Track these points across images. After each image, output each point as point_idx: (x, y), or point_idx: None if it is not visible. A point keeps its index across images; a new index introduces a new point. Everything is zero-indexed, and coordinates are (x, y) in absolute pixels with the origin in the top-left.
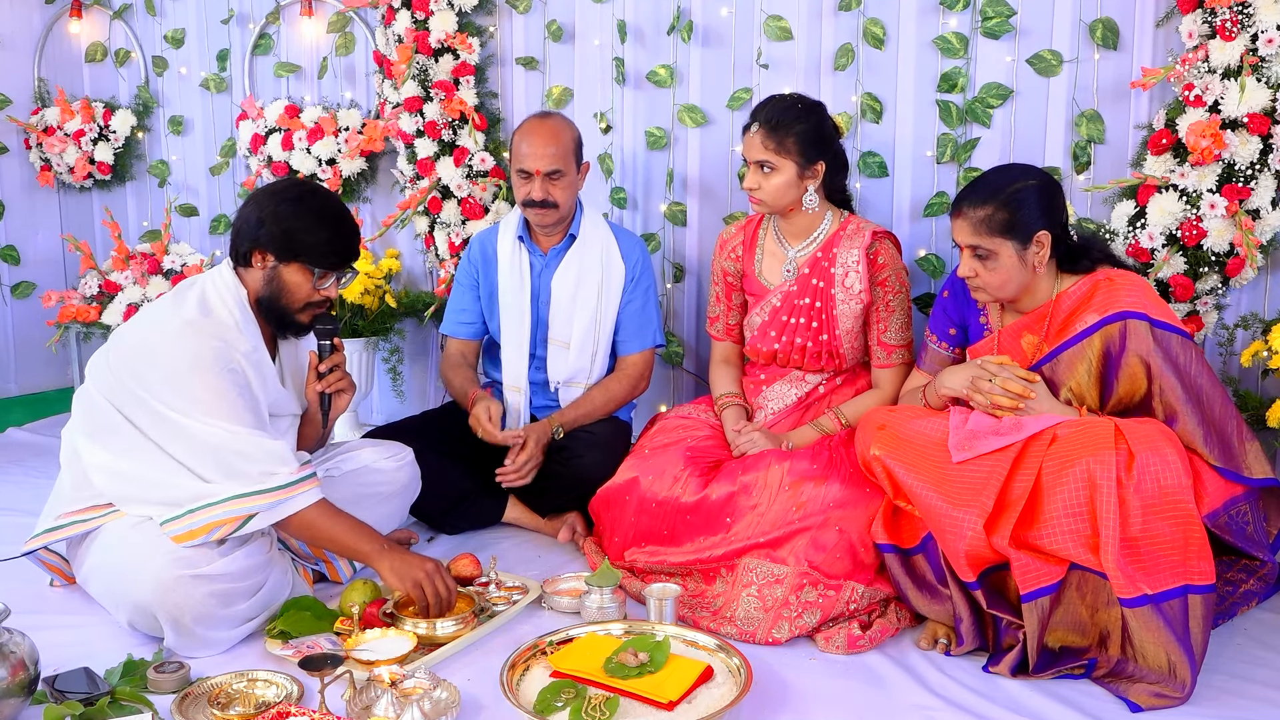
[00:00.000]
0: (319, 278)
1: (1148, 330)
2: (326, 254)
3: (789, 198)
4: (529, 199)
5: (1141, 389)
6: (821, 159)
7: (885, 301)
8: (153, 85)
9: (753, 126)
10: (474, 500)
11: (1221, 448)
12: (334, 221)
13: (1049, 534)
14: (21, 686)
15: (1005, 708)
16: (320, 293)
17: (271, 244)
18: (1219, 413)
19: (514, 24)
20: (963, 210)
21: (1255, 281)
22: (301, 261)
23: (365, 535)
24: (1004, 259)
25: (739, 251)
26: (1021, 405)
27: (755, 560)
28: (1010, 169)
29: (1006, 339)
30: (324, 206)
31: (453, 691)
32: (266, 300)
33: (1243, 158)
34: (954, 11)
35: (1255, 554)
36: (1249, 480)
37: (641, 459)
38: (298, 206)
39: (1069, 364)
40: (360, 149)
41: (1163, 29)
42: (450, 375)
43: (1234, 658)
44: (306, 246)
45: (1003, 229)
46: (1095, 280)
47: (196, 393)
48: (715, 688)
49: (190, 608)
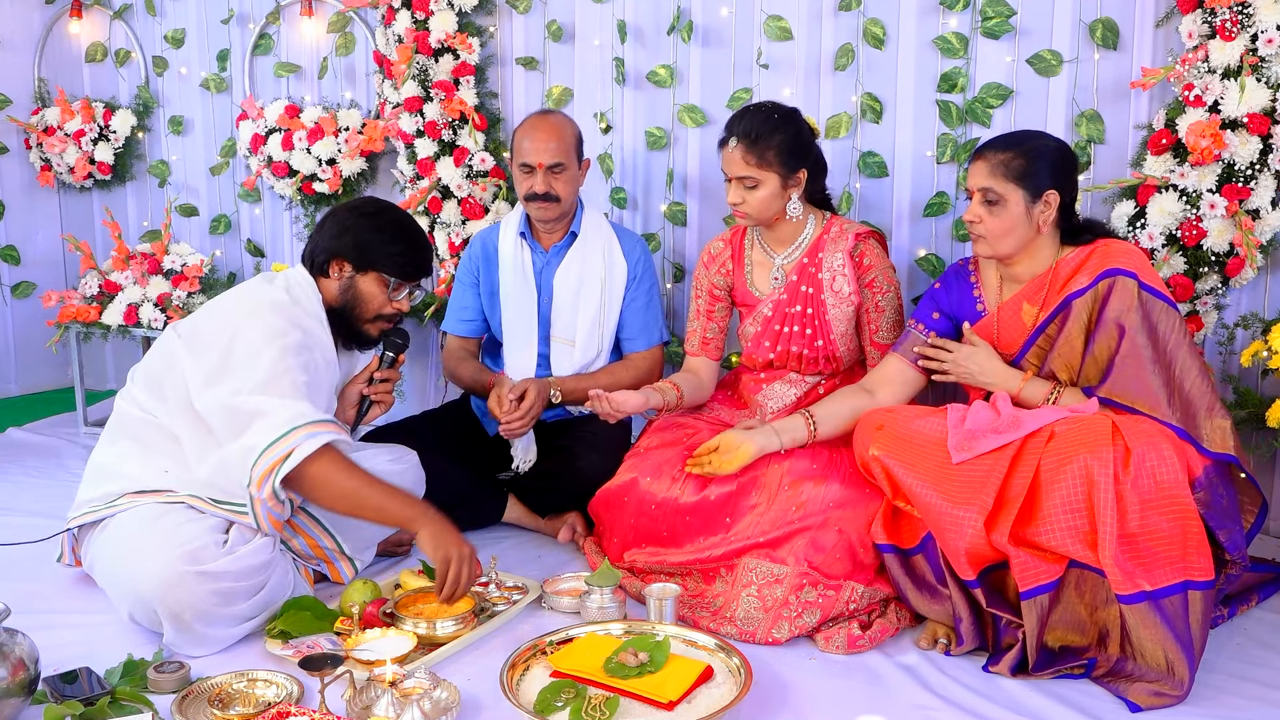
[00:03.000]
0: (394, 289)
1: (1134, 288)
2: (403, 265)
3: (774, 209)
4: (531, 192)
5: (1112, 349)
6: (803, 166)
7: (875, 302)
8: (153, 85)
9: (730, 142)
10: (474, 500)
11: (1184, 414)
12: (410, 236)
13: (1048, 530)
14: (22, 686)
15: (1005, 707)
16: (393, 304)
17: (350, 253)
18: (1190, 386)
19: (514, 24)
20: (984, 154)
21: (1255, 281)
22: (378, 271)
23: (407, 499)
24: (1011, 207)
25: (729, 265)
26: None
27: (755, 560)
28: (1037, 131)
29: (1006, 312)
30: (401, 221)
31: (453, 691)
32: (341, 309)
33: (1242, 158)
34: (954, 11)
35: (1221, 537)
36: (1208, 452)
37: (640, 459)
38: (376, 219)
39: (1067, 329)
40: (360, 149)
41: (1163, 29)
42: (457, 368)
43: (1233, 657)
44: (384, 257)
45: (1017, 176)
46: (1093, 247)
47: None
48: (715, 688)
49: (192, 604)
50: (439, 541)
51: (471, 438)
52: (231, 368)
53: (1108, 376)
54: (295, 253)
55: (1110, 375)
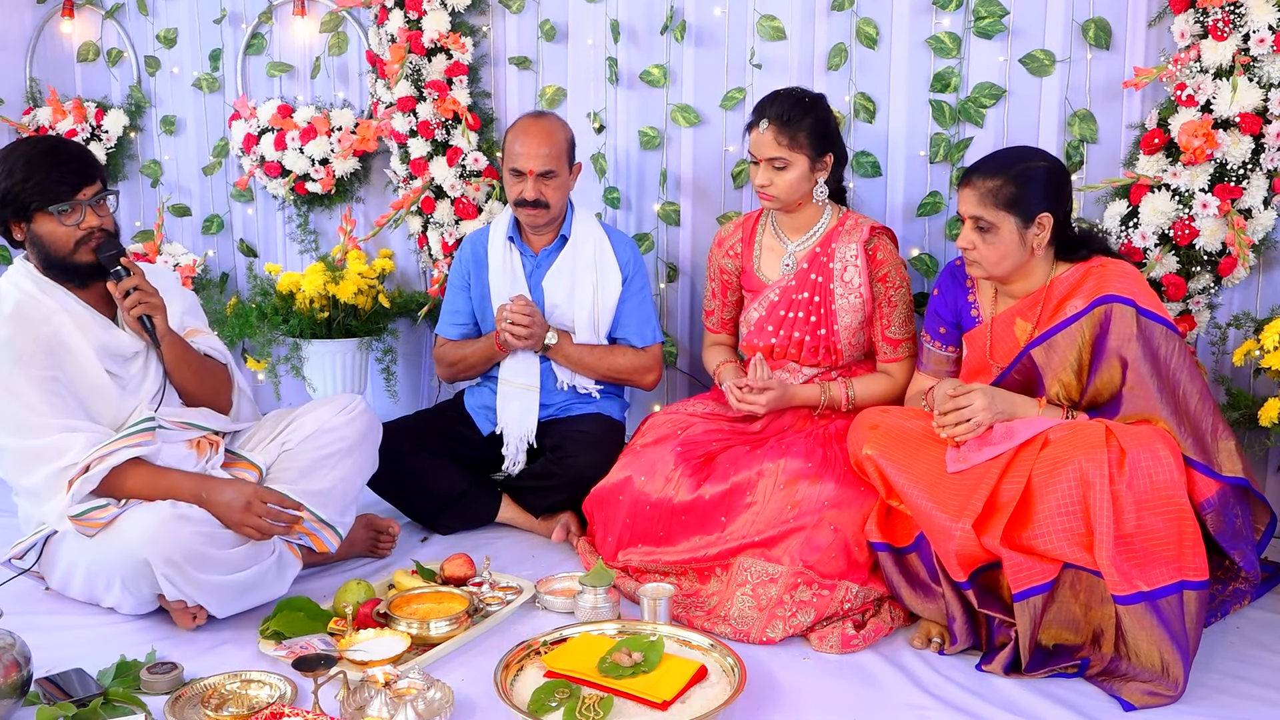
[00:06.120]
0: (62, 215)
1: (1133, 316)
2: (45, 189)
3: (800, 192)
4: (521, 199)
5: (1117, 380)
6: (830, 151)
7: (886, 297)
8: (145, 85)
9: (761, 124)
10: (468, 500)
11: (1195, 441)
12: (42, 158)
13: (1042, 534)
14: (14, 687)
15: (999, 706)
16: (79, 229)
17: (9, 211)
18: (1194, 408)
19: (507, 24)
20: (972, 180)
21: (1247, 281)
22: (38, 210)
23: (182, 485)
24: (1004, 234)
25: (737, 249)
26: (962, 414)
27: (750, 559)
28: (1025, 149)
29: (999, 326)
30: (29, 152)
31: (446, 692)
32: (45, 261)
33: (1234, 157)
34: (946, 11)
35: (1236, 557)
36: (1219, 476)
37: (634, 456)
38: (4, 165)
39: (1061, 351)
40: (353, 149)
41: (1155, 29)
42: (455, 351)
43: (1227, 656)
44: (27, 194)
45: (1008, 203)
46: (1089, 267)
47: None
48: (709, 687)
49: (180, 544)
50: (226, 509)
51: (465, 438)
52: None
53: (1118, 409)
54: (288, 252)
55: (1120, 409)
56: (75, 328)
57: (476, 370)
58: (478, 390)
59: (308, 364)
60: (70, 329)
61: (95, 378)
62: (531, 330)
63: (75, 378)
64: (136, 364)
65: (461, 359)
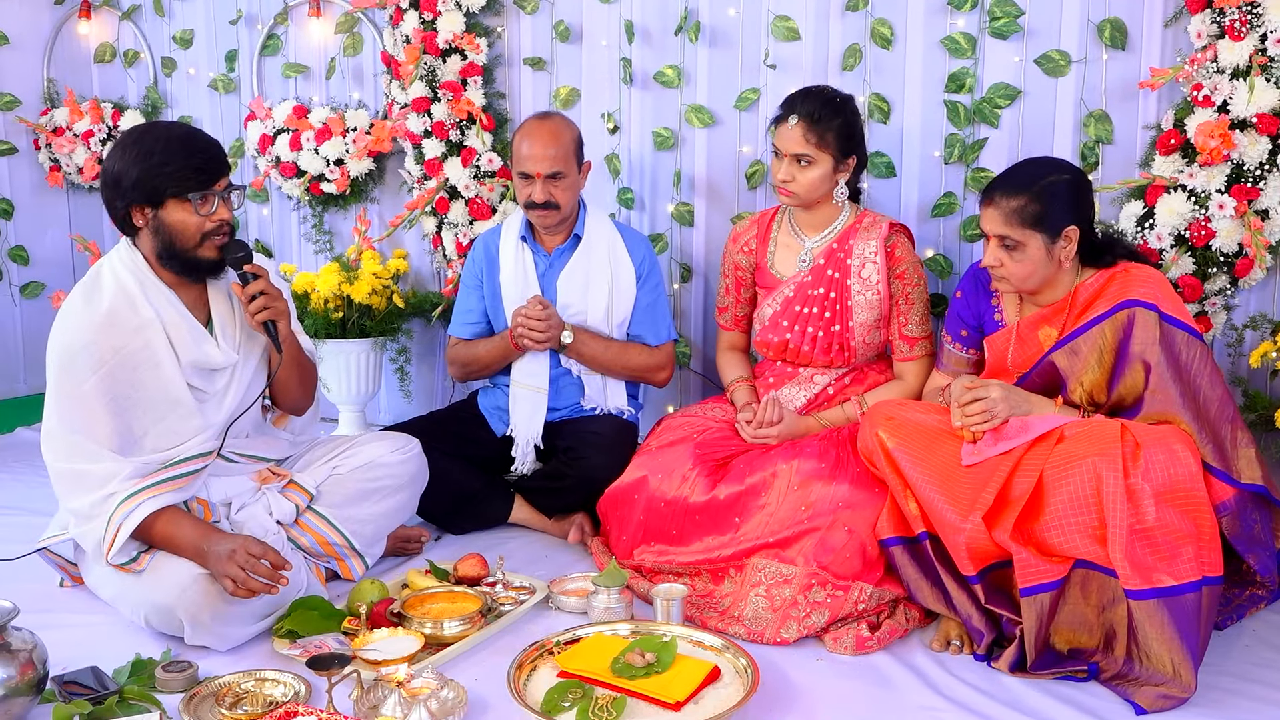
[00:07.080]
0: (198, 204)
1: (1155, 321)
2: (186, 177)
3: (820, 191)
4: (530, 201)
5: (1140, 384)
6: (854, 153)
7: (904, 294)
8: (161, 86)
9: (790, 119)
10: (481, 500)
11: (1215, 447)
12: (179, 145)
13: (1055, 527)
14: (30, 685)
15: (1012, 709)
16: (210, 220)
17: (138, 195)
18: (1215, 413)
19: (521, 24)
20: (994, 199)
21: (1264, 282)
22: (171, 196)
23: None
24: (1031, 251)
25: (753, 245)
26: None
27: (764, 560)
28: (1044, 161)
29: (1024, 331)
30: (163, 135)
31: (460, 691)
32: (165, 252)
33: (1251, 158)
34: (962, 12)
35: (1251, 561)
36: (1238, 483)
37: (650, 456)
38: (139, 148)
39: (1084, 355)
40: (368, 149)
41: (1171, 29)
42: (468, 351)
43: (1241, 659)
44: (165, 180)
45: (1034, 221)
46: (1113, 273)
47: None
48: (722, 688)
49: (209, 605)
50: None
51: (478, 438)
52: (49, 432)
53: (1139, 411)
54: (303, 253)
55: (1141, 411)
56: (168, 340)
57: (490, 370)
58: (492, 391)
59: (322, 364)
60: (162, 342)
61: (176, 391)
62: (548, 332)
63: (154, 390)
64: (222, 379)
65: (475, 358)
